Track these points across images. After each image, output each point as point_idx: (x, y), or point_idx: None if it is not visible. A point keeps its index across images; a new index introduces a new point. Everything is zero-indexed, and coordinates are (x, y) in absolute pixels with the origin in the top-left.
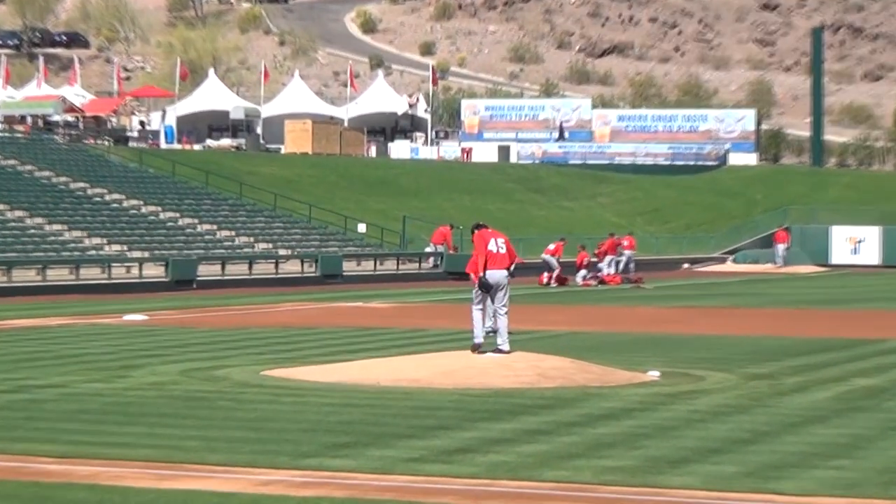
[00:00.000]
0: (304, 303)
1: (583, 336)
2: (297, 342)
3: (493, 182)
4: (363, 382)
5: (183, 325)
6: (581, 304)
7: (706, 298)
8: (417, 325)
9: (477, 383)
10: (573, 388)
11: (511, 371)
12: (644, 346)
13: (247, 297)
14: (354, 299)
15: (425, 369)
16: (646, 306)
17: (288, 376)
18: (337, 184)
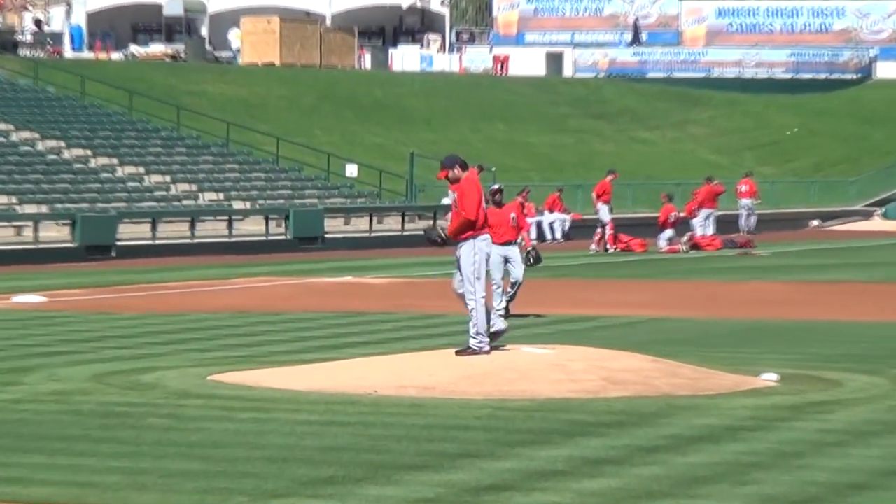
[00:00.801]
0: (270, 278)
1: (668, 324)
2: (258, 334)
3: (539, 104)
4: (353, 391)
5: (97, 311)
6: (665, 278)
7: (843, 270)
8: (430, 308)
9: (517, 391)
10: (654, 399)
11: (566, 374)
12: (755, 337)
13: (188, 270)
14: (341, 273)
15: (442, 372)
16: (757, 281)
17: (246, 382)
18: (316, 108)
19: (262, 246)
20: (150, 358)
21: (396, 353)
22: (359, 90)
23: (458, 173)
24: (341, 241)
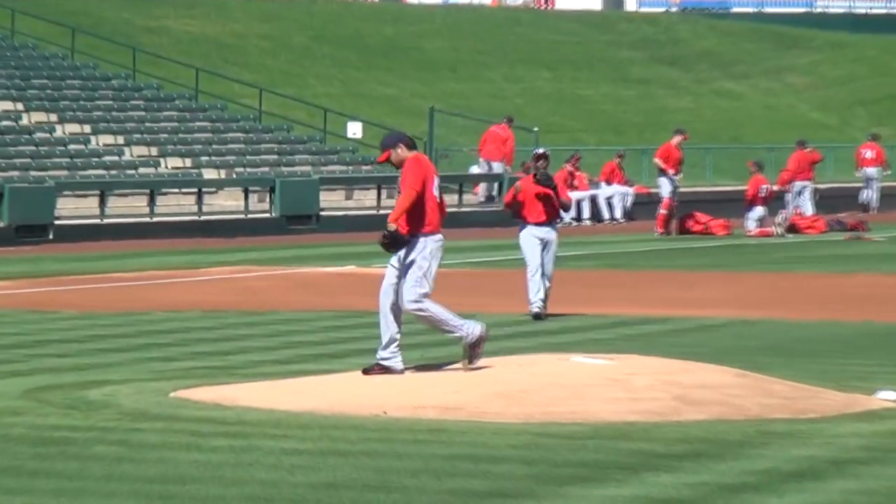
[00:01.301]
0: (250, 267)
1: (758, 328)
2: (236, 339)
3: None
4: (356, 412)
5: (29, 308)
6: (754, 269)
7: None
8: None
9: (564, 413)
10: (740, 423)
11: (627, 391)
12: (869, 345)
13: (146, 257)
14: (341, 261)
15: (470, 388)
16: (872, 273)
17: (220, 400)
18: (310, 51)
19: (241, 226)
20: (98, 369)
21: (411, 364)
22: (364, 28)
23: (403, 153)
24: (341, 220)
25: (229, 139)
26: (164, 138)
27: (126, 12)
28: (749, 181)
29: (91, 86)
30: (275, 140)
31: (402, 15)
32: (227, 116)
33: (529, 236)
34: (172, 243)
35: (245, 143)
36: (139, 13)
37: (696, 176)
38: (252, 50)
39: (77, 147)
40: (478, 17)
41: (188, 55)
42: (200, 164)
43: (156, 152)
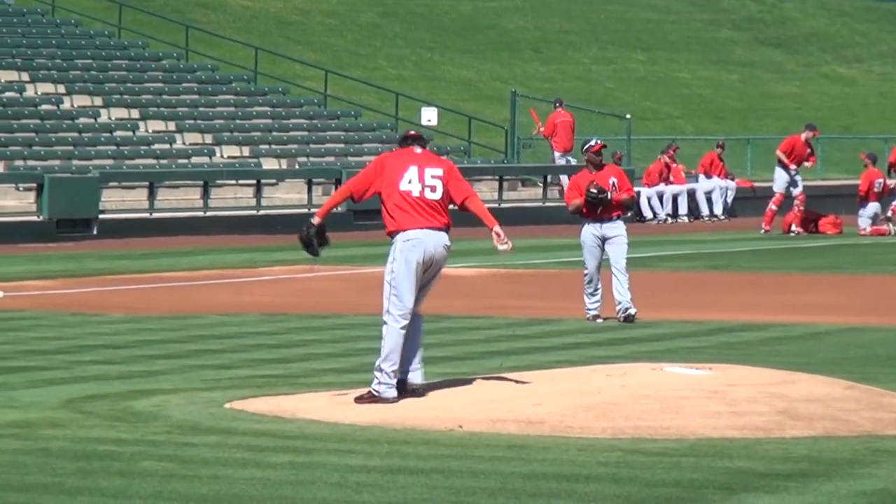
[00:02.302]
0: (314, 266)
1: (870, 335)
2: (297, 345)
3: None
4: (429, 425)
5: (72, 310)
6: (867, 271)
7: None
8: (539, 311)
9: (658, 428)
10: (849, 440)
11: (726, 404)
12: None
13: (198, 255)
14: None
15: (554, 400)
16: None
17: (279, 412)
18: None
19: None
20: (146, 377)
21: (490, 374)
22: (439, 4)
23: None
24: None
25: (291, 126)
26: (220, 125)
27: None
28: (862, 175)
29: (139, 66)
30: (341, 127)
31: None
32: (288, 101)
33: (588, 235)
34: (228, 240)
35: (308, 131)
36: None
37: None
38: (316, 28)
39: (124, 134)
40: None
41: (246, 33)
42: (259, 154)
43: (210, 140)
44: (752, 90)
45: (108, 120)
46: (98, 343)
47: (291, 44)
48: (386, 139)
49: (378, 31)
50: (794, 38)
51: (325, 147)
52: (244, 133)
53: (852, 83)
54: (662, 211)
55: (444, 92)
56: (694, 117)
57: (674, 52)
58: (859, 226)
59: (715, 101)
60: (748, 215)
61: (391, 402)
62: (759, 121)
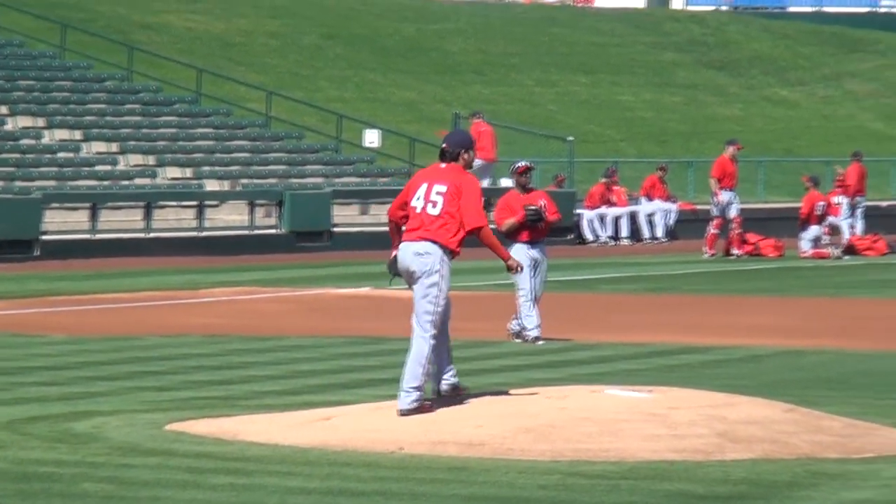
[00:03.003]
0: (255, 287)
1: (810, 359)
2: (238, 367)
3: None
4: (370, 447)
5: (14, 331)
6: (808, 294)
7: None
8: (479, 333)
9: (597, 451)
10: (788, 462)
11: (667, 427)
12: None
13: (141, 276)
14: (355, 282)
15: (494, 422)
16: None
17: (219, 434)
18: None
19: (246, 243)
20: (87, 398)
21: (430, 396)
22: (382, 26)
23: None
24: (356, 237)
25: (234, 147)
26: (162, 146)
27: (122, 7)
28: (804, 198)
29: (82, 87)
30: (284, 149)
31: (423, 12)
32: (231, 122)
33: (522, 255)
34: (170, 261)
35: (251, 152)
36: (136, 8)
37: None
38: (259, 49)
39: (66, 155)
40: (508, 15)
41: (189, 54)
42: (202, 175)
43: (153, 161)
44: (694, 113)
45: (51, 141)
46: (39, 364)
47: (234, 65)
48: (328, 161)
49: (321, 53)
50: (737, 60)
51: (267, 168)
52: (187, 154)
53: (795, 106)
54: (604, 233)
55: (386, 113)
56: (636, 140)
57: (616, 75)
58: (800, 248)
59: (657, 123)
60: (690, 238)
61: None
62: (701, 143)
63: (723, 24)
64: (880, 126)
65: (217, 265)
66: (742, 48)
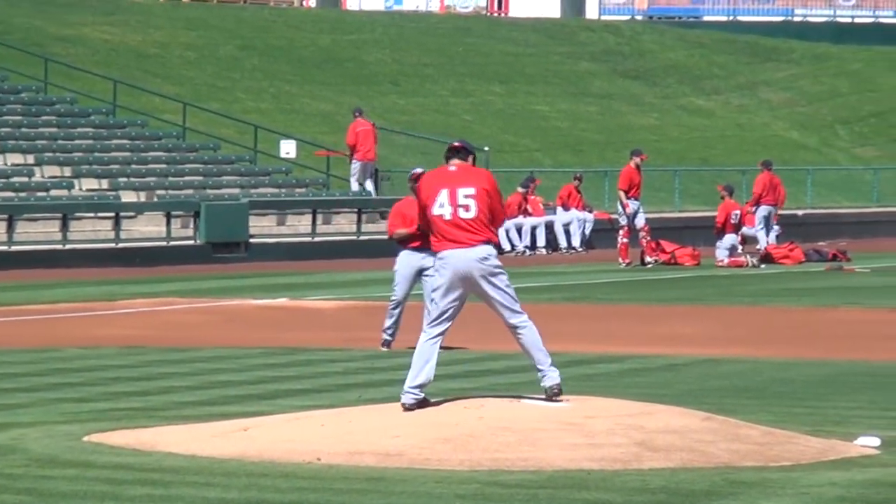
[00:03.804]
0: (172, 299)
1: (728, 367)
2: (156, 377)
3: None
4: (287, 458)
5: None
6: (725, 302)
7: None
8: (396, 344)
9: (515, 460)
10: (706, 471)
11: (584, 436)
12: (849, 386)
13: (58, 288)
14: (272, 293)
15: (411, 432)
16: (853, 307)
17: (138, 445)
18: (238, 61)
19: (163, 255)
20: (4, 410)
21: (348, 406)
22: (298, 37)
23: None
24: (272, 248)
25: (150, 159)
26: (79, 157)
27: (37, 19)
28: (719, 207)
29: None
30: (200, 160)
31: (339, 23)
32: (147, 133)
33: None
34: (87, 273)
35: (167, 163)
36: (52, 20)
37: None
38: (175, 61)
39: None
40: (423, 25)
41: (105, 66)
42: (118, 186)
43: (69, 173)
44: (610, 122)
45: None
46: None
47: (150, 77)
48: (245, 171)
49: (237, 64)
50: (653, 70)
51: (183, 180)
52: (103, 166)
53: (710, 115)
54: (521, 243)
55: (302, 124)
56: (552, 150)
57: (532, 85)
58: (717, 257)
59: (573, 133)
60: (606, 247)
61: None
62: (617, 153)
63: (637, 34)
64: (795, 135)
65: (134, 276)
66: (657, 57)
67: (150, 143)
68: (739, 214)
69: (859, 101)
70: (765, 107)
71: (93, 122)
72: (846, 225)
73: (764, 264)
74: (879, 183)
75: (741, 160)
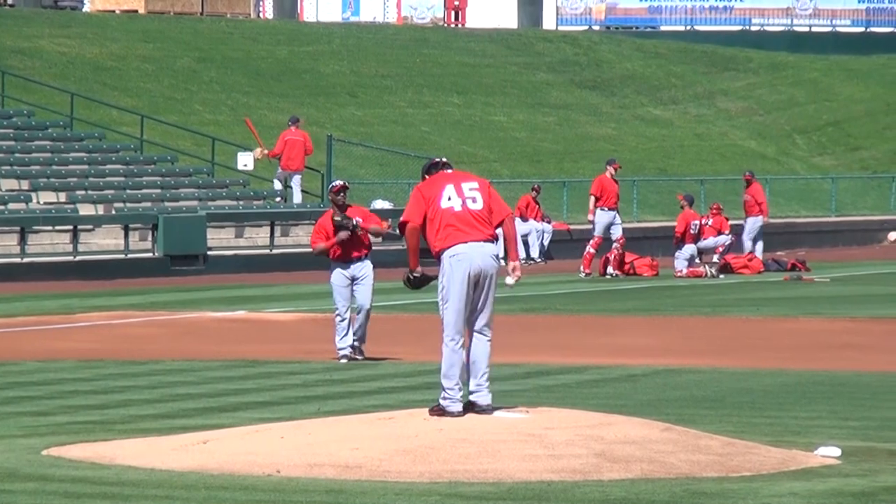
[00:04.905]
0: (130, 312)
1: (687, 377)
2: (115, 391)
3: (508, 69)
4: (246, 471)
5: None
6: (683, 312)
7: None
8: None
9: (475, 472)
10: (666, 482)
11: (544, 447)
12: (809, 396)
13: (15, 301)
14: (231, 305)
15: (371, 444)
16: (812, 317)
17: (96, 458)
18: (195, 73)
19: (121, 267)
20: None
21: (307, 418)
22: (255, 49)
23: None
24: (231, 260)
25: (107, 171)
26: (36, 171)
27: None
28: (678, 217)
29: None
30: (158, 172)
31: (296, 35)
32: (105, 146)
33: (338, 276)
34: (45, 286)
35: (125, 176)
36: (8, 33)
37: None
38: (132, 73)
39: None
40: (381, 37)
41: (62, 79)
42: (76, 199)
43: (26, 186)
44: (568, 133)
45: None
46: None
47: (108, 89)
48: (202, 184)
49: (194, 77)
50: (610, 80)
51: (141, 192)
52: (60, 179)
53: (668, 125)
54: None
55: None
56: (510, 160)
57: (489, 96)
58: (675, 268)
59: (531, 143)
60: (565, 258)
61: (456, 416)
62: (575, 163)
63: (595, 44)
64: (753, 144)
65: (92, 289)
66: (614, 68)
67: (108, 155)
68: (699, 225)
69: (817, 111)
70: (723, 116)
71: (50, 135)
72: (805, 234)
73: (722, 274)
74: (838, 192)
75: (700, 170)
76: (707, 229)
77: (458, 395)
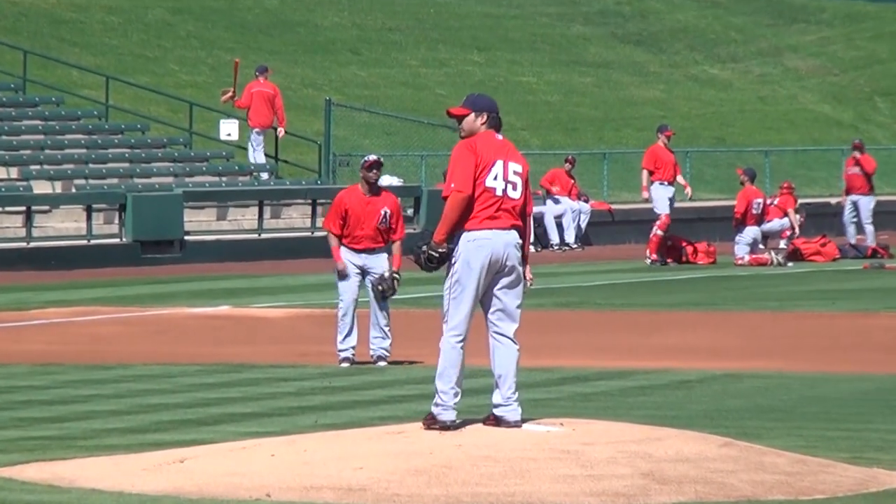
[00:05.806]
0: (94, 307)
1: (749, 383)
2: (73, 400)
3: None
4: (231, 494)
5: None
6: (744, 307)
7: None
8: (357, 357)
9: (500, 495)
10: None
11: (581, 466)
12: (894, 405)
13: None
14: (211, 299)
15: (377, 463)
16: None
17: (54, 480)
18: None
19: (82, 255)
20: None
21: (302, 433)
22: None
23: (474, 127)
24: (212, 246)
25: (67, 142)
26: None
27: None
28: (738, 194)
29: None
30: (126, 143)
31: None
32: (63, 113)
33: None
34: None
35: (87, 148)
36: None
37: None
38: (96, 27)
39: None
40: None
41: (13, 34)
42: (29, 176)
43: None
44: (608, 96)
45: None
46: None
47: (67, 46)
48: (178, 157)
49: (169, 31)
50: (658, 34)
51: (106, 167)
52: (11, 151)
53: (727, 87)
54: None
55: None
56: (541, 128)
57: (516, 53)
58: (736, 254)
59: (565, 109)
60: (605, 243)
61: (450, 427)
62: (616, 131)
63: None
64: (827, 109)
65: (49, 281)
66: (663, 19)
67: (67, 123)
68: (762, 204)
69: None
70: (791, 76)
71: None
72: (888, 215)
73: (791, 262)
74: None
75: (764, 140)
76: (772, 209)
77: (454, 401)
